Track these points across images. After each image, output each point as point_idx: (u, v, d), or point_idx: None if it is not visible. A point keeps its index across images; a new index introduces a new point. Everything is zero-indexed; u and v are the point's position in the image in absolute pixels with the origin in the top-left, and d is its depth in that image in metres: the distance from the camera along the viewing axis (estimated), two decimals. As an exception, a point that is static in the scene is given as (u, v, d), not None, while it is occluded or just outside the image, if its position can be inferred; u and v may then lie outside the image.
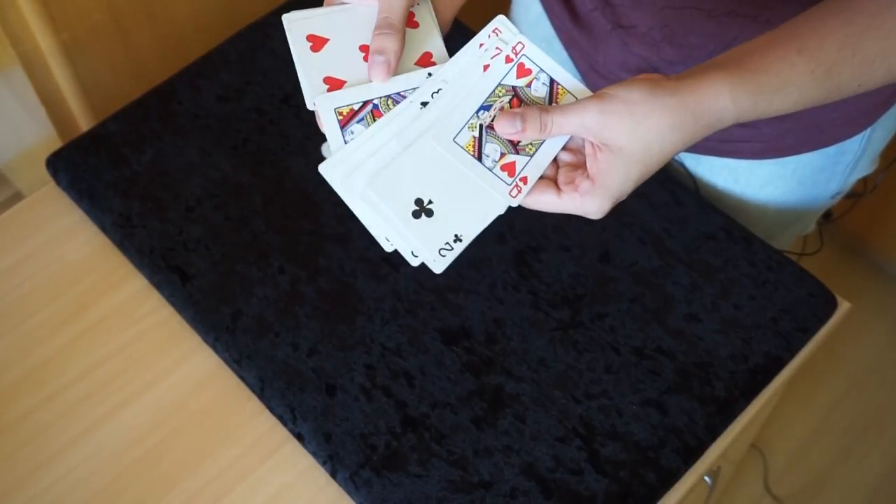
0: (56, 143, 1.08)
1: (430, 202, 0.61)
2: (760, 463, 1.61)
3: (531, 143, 0.62)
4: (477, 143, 0.62)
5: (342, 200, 0.90)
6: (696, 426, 0.78)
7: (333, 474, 0.76)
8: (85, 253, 0.89)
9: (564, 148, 0.63)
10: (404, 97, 0.63)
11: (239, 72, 0.98)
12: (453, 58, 0.64)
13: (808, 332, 0.83)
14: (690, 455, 0.78)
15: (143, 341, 0.84)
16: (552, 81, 0.64)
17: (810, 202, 0.94)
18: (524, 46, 0.64)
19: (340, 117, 0.63)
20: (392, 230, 0.61)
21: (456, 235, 0.61)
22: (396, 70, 0.63)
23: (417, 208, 0.61)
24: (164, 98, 0.96)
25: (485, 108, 0.62)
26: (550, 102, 0.64)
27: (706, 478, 0.82)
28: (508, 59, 0.64)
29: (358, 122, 0.63)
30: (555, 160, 0.63)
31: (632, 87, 0.59)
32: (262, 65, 0.99)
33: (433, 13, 0.69)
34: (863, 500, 1.60)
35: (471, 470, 0.76)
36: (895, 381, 1.71)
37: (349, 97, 0.63)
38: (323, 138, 0.93)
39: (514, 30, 0.65)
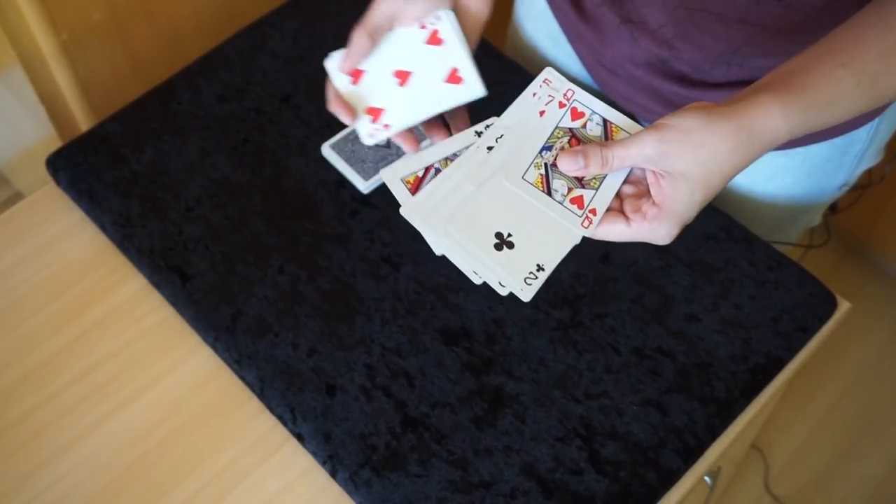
0: (56, 143, 1.08)
1: (510, 235, 0.64)
2: (760, 463, 1.61)
3: (595, 178, 0.65)
4: (545, 179, 0.65)
5: (342, 200, 0.90)
6: (696, 426, 0.78)
7: (333, 474, 0.76)
8: (85, 253, 0.89)
9: (626, 181, 0.66)
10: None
11: (239, 72, 0.98)
12: (509, 108, 0.68)
13: (808, 332, 0.83)
14: (690, 455, 0.78)
15: (143, 341, 0.84)
16: (605, 121, 0.68)
17: (818, 193, 0.94)
18: (574, 93, 0.68)
19: (409, 186, 0.67)
20: (478, 263, 0.64)
21: (538, 265, 0.63)
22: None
23: (499, 241, 0.64)
24: (164, 98, 0.96)
25: (546, 148, 0.66)
26: (606, 139, 0.67)
27: (706, 478, 0.82)
28: (561, 105, 0.68)
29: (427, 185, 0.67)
30: (618, 194, 0.65)
31: (686, 115, 0.62)
32: (262, 65, 0.99)
33: (458, 28, 0.71)
34: (863, 500, 1.60)
35: (471, 470, 0.76)
36: (895, 381, 1.71)
37: (411, 165, 0.67)
38: (323, 138, 0.93)
39: (563, 78, 0.69)
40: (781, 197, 0.93)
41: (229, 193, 0.90)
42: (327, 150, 0.92)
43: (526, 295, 0.63)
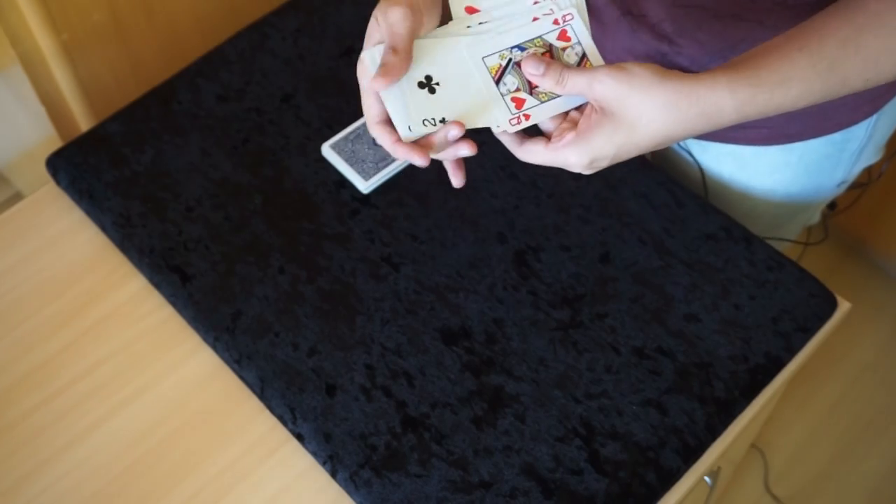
0: (56, 143, 1.08)
1: (437, 84, 0.67)
2: (760, 463, 1.61)
3: (545, 94, 0.68)
4: (500, 70, 0.68)
5: (342, 200, 0.90)
6: (696, 426, 0.78)
7: (333, 474, 0.76)
8: (85, 253, 0.89)
9: (579, 111, 0.68)
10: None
11: (239, 72, 0.98)
12: None
13: (808, 332, 0.83)
14: (690, 455, 0.78)
15: (144, 341, 0.84)
16: (584, 55, 0.70)
17: (816, 190, 0.95)
18: (572, 18, 0.70)
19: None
20: (396, 89, 0.66)
21: (443, 119, 0.66)
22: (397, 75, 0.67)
23: (424, 81, 0.66)
24: (164, 98, 0.96)
25: (520, 48, 0.68)
26: None
27: (706, 478, 0.82)
28: (556, 22, 0.70)
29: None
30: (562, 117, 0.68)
31: (643, 66, 0.63)
32: (262, 65, 0.99)
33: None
34: (863, 500, 1.60)
35: (471, 470, 0.76)
36: (895, 381, 1.71)
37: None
38: (323, 138, 0.93)
39: (570, 1, 0.70)
40: (779, 193, 0.94)
41: (229, 193, 0.90)
42: (327, 150, 0.92)
43: (406, 134, 0.66)
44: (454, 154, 0.68)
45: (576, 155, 0.65)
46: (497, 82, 0.68)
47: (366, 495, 0.75)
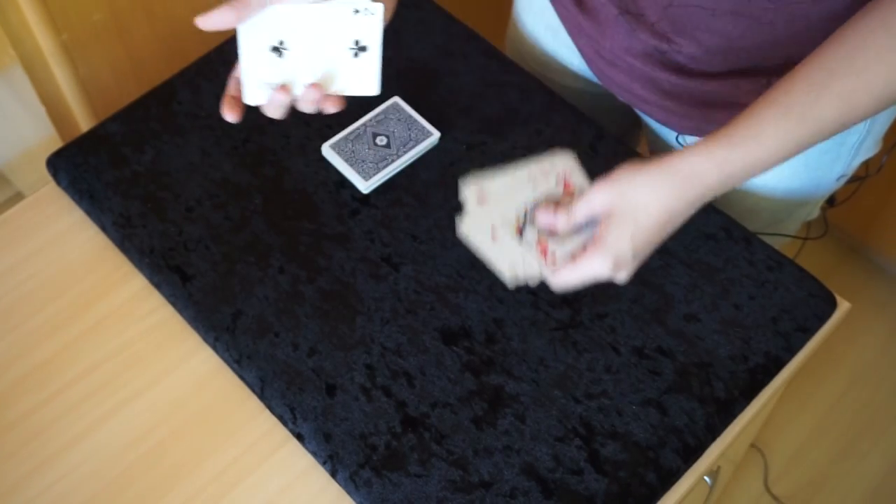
0: (56, 143, 1.08)
1: (287, 49, 0.74)
2: (760, 463, 1.61)
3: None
4: (521, 227, 0.77)
5: (342, 200, 0.91)
6: (696, 426, 0.78)
7: (333, 474, 0.76)
8: (85, 253, 0.89)
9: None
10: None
11: (239, 72, 0.98)
12: (518, 171, 0.79)
13: (807, 332, 0.84)
14: (690, 455, 0.78)
15: (144, 341, 0.84)
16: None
17: (816, 185, 0.95)
18: (572, 172, 0.80)
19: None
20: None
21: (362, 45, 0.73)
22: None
23: (277, 46, 0.74)
24: (164, 98, 0.96)
25: (533, 205, 0.78)
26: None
27: (706, 478, 0.82)
28: (559, 177, 0.80)
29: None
30: None
31: (625, 165, 0.71)
32: (262, 65, 0.99)
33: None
34: (862, 499, 1.60)
35: (471, 470, 0.76)
36: (895, 381, 1.71)
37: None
38: (323, 138, 0.93)
39: (567, 163, 0.80)
40: (779, 189, 0.94)
41: (229, 193, 0.90)
42: (327, 150, 0.92)
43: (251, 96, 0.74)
44: (315, 109, 0.75)
45: (599, 260, 0.71)
46: (520, 237, 0.77)
47: (366, 495, 0.75)
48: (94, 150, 0.93)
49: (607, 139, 0.94)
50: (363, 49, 0.73)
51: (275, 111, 0.76)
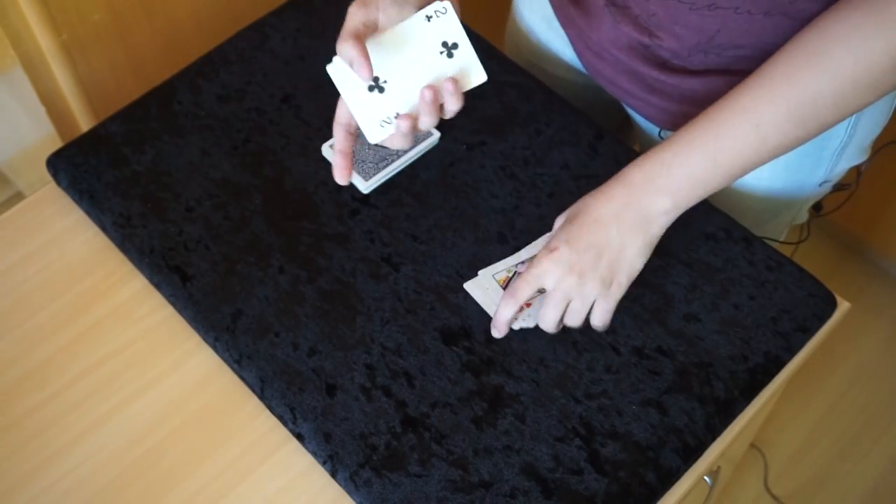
0: (56, 143, 1.08)
1: (385, 82, 0.77)
2: (760, 463, 1.61)
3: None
4: (507, 280, 0.84)
5: (342, 200, 0.91)
6: (695, 426, 0.78)
7: (333, 474, 0.76)
8: (85, 253, 0.89)
9: None
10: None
11: (239, 72, 0.98)
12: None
13: (807, 332, 0.84)
14: (690, 455, 0.78)
15: (143, 341, 0.84)
16: None
17: (797, 188, 0.95)
18: None
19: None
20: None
21: (397, 114, 0.78)
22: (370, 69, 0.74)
23: (373, 84, 0.77)
24: (164, 98, 0.96)
25: (523, 263, 0.85)
26: None
27: (706, 478, 0.82)
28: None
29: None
30: None
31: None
32: (262, 65, 0.99)
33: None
34: (862, 499, 1.60)
35: (471, 470, 0.76)
36: (895, 381, 1.71)
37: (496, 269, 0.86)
38: (323, 138, 0.93)
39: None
40: (760, 190, 0.94)
41: (229, 193, 0.90)
42: (327, 150, 0.92)
43: (372, 138, 0.78)
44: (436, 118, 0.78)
45: (547, 260, 0.78)
46: (504, 289, 0.83)
47: (366, 495, 0.75)
48: (94, 150, 0.93)
49: (607, 139, 0.94)
50: (455, 46, 0.75)
51: (402, 140, 0.79)
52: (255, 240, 0.87)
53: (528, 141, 0.93)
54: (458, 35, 0.75)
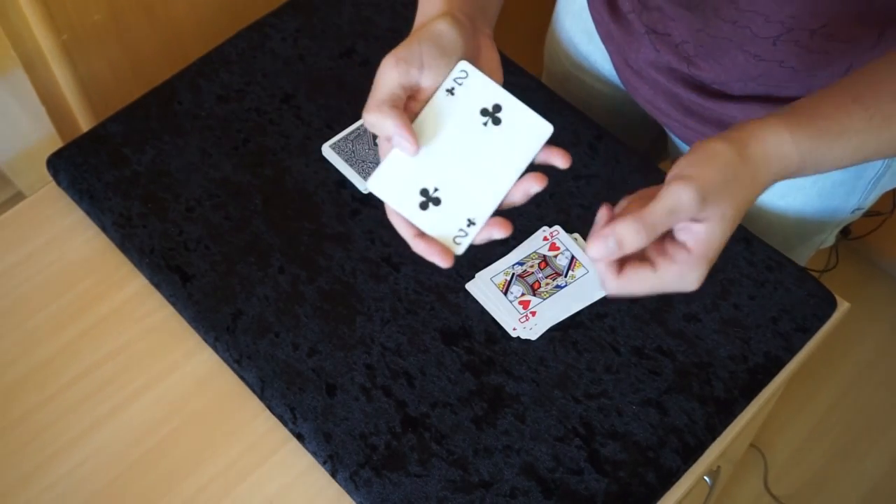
0: (56, 143, 1.08)
1: (437, 190, 0.62)
2: (760, 463, 1.61)
3: (546, 292, 0.83)
4: (507, 284, 0.83)
5: (342, 200, 0.91)
6: (695, 426, 0.78)
7: (333, 474, 0.76)
8: (85, 253, 0.89)
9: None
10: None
11: (239, 72, 0.98)
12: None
13: (807, 332, 0.84)
14: (690, 455, 0.78)
15: (143, 341, 0.84)
16: (573, 258, 0.85)
17: (829, 215, 0.94)
18: (558, 232, 0.87)
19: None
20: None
21: (470, 220, 0.61)
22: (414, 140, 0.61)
23: (423, 199, 0.62)
24: (164, 98, 0.96)
25: (519, 263, 0.85)
26: (568, 272, 0.84)
27: (706, 478, 0.82)
28: (545, 238, 0.87)
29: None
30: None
31: (709, 159, 0.58)
32: (262, 65, 0.99)
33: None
34: (862, 499, 1.60)
35: (471, 470, 0.76)
36: (895, 381, 1.71)
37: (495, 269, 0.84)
38: (323, 138, 0.93)
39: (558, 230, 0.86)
40: (791, 215, 0.93)
41: (229, 193, 0.90)
42: (327, 150, 0.92)
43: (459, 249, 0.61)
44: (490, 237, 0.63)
45: (697, 272, 0.59)
46: (505, 293, 0.82)
47: (366, 495, 0.75)
48: (94, 150, 0.93)
49: (607, 139, 0.94)
50: (497, 109, 0.61)
51: (486, 238, 0.63)
52: (255, 240, 0.87)
53: (528, 141, 0.93)
54: (495, 93, 0.61)
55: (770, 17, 0.74)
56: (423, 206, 0.60)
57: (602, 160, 0.92)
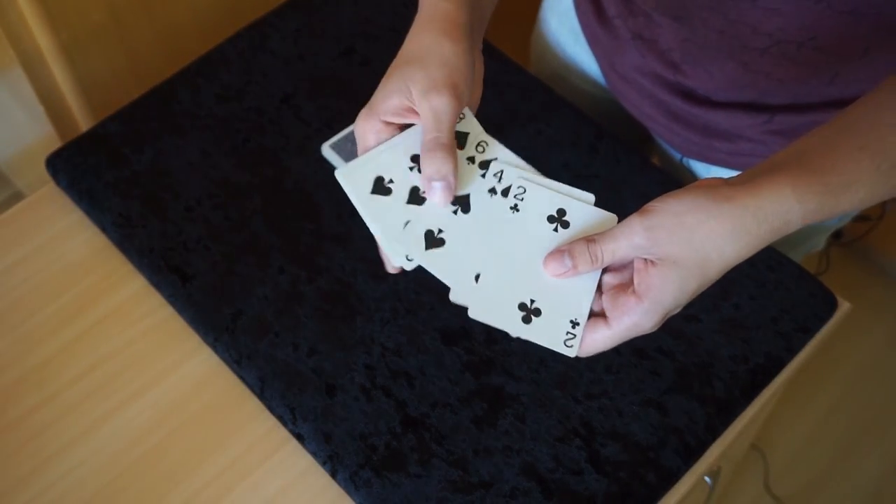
0: (56, 143, 1.08)
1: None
2: (760, 463, 1.61)
3: None
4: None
5: (342, 200, 0.90)
6: (696, 426, 0.78)
7: (333, 474, 0.76)
8: (85, 253, 0.89)
9: (609, 270, 0.61)
10: None
11: (239, 72, 0.98)
12: None
13: (808, 332, 0.83)
14: (690, 455, 0.78)
15: (143, 341, 0.84)
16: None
17: (822, 221, 0.94)
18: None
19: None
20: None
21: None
22: (456, 189, 0.62)
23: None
24: (164, 98, 0.96)
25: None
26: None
27: (706, 478, 0.82)
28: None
29: None
30: (599, 288, 0.61)
31: (681, 198, 0.57)
32: (262, 65, 0.99)
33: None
34: (862, 500, 1.60)
35: (471, 470, 0.76)
36: (895, 381, 1.71)
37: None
38: (323, 138, 0.93)
39: None
40: None
41: (229, 193, 0.90)
42: (327, 150, 0.92)
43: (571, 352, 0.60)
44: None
45: (649, 319, 0.58)
46: None
47: (366, 495, 0.75)
48: (93, 150, 0.93)
49: (607, 139, 0.94)
50: (562, 213, 0.61)
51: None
52: (255, 240, 0.87)
53: (528, 141, 0.93)
54: (550, 197, 0.61)
55: (758, 29, 0.74)
56: (526, 320, 0.60)
57: (602, 160, 0.92)
